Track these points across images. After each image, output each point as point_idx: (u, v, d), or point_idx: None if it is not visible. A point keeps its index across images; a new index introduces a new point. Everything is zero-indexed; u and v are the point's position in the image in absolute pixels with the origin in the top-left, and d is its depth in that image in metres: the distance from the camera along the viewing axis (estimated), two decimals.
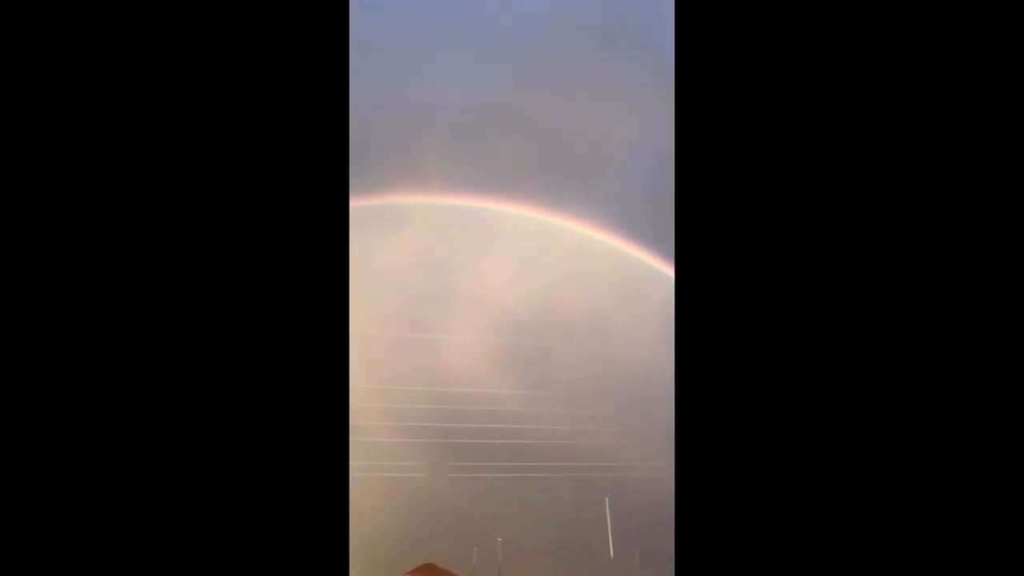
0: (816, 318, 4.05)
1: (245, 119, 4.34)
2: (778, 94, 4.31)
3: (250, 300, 4.21)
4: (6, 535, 3.90)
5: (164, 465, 4.00)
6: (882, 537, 3.83)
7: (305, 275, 4.33)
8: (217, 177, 4.26)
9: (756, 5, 4.42)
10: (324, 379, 4.30)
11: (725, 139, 4.32)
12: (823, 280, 4.10)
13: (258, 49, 4.38)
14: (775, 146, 4.27)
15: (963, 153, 4.08)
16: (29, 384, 4.01)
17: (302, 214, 4.34)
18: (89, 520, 3.99)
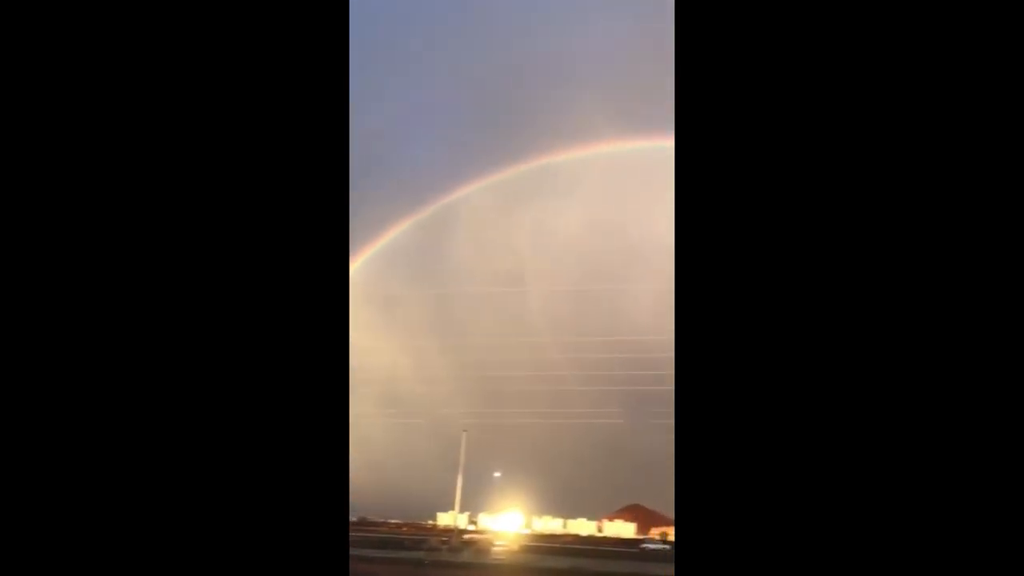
0: (822, 317, 3.91)
1: (245, 116, 4.22)
2: (779, 93, 4.11)
3: (251, 297, 4.11)
4: (6, 535, 3.79)
5: (163, 463, 3.92)
6: (882, 536, 3.67)
7: (306, 273, 4.22)
8: (216, 173, 4.17)
9: (758, 4, 4.23)
10: (325, 376, 4.17)
11: (726, 138, 4.21)
12: (828, 278, 3.95)
13: (258, 45, 4.24)
14: (779, 145, 4.08)
15: (963, 152, 3.87)
16: (29, 384, 3.91)
17: (303, 212, 4.23)
18: (89, 520, 3.87)
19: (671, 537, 58.21)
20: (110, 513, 3.88)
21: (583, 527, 63.09)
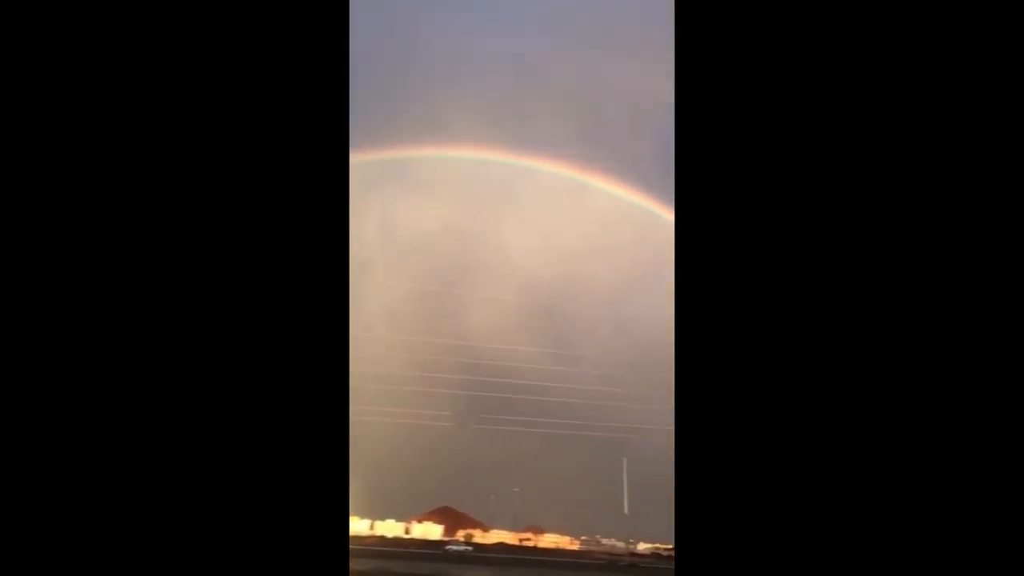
0: (820, 317, 3.98)
1: (245, 110, 4.22)
2: (779, 92, 4.20)
3: (252, 292, 4.09)
4: (6, 535, 3.79)
5: (164, 461, 3.91)
6: (881, 535, 3.77)
7: (305, 270, 4.22)
8: (217, 168, 4.17)
9: (757, 4, 4.32)
10: (324, 373, 4.18)
11: (726, 138, 4.25)
12: (826, 278, 4.04)
13: (257, 38, 4.25)
14: (777, 144, 4.18)
15: (963, 152, 3.96)
16: (29, 384, 3.91)
17: (302, 208, 4.22)
18: (89, 520, 3.87)
19: (476, 539, 59.75)
20: (110, 513, 3.91)
21: (391, 528, 62.05)
